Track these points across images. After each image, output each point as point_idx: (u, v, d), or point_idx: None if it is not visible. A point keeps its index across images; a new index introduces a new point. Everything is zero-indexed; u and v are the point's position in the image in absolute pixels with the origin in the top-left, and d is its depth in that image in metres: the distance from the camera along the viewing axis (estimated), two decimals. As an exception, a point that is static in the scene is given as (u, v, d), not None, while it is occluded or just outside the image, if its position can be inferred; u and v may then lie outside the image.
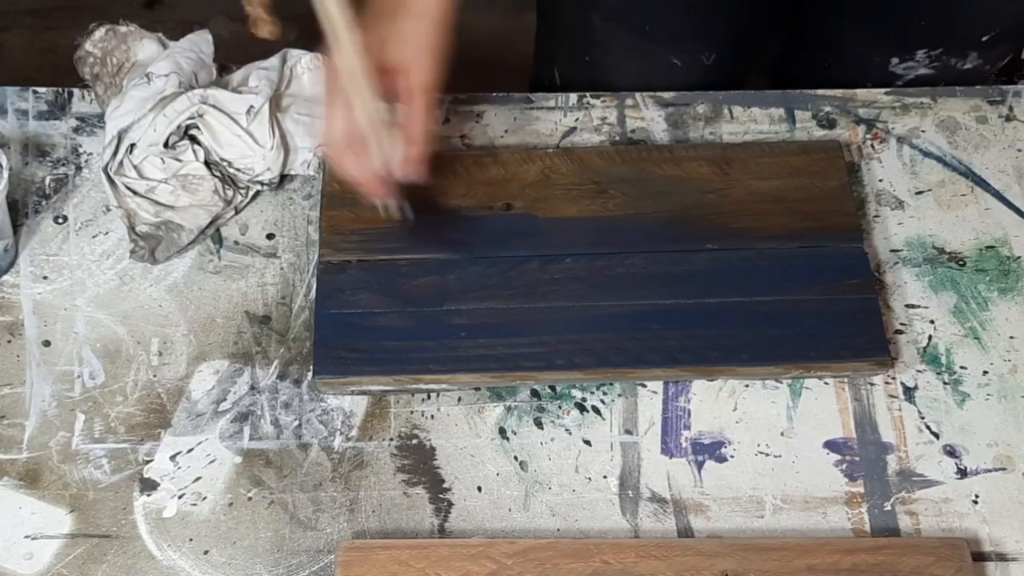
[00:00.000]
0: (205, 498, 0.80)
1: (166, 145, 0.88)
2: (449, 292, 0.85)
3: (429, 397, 0.84)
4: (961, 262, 0.90)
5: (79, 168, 0.93)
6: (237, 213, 0.91)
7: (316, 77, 0.94)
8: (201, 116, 0.88)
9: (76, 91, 0.96)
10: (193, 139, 0.89)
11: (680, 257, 0.87)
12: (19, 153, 0.94)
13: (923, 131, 0.96)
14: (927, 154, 0.95)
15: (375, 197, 0.83)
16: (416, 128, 0.79)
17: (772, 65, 1.16)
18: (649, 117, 0.97)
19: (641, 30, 1.01)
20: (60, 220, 0.91)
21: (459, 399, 0.84)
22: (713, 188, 0.90)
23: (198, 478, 0.81)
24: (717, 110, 0.97)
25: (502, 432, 0.83)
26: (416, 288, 0.85)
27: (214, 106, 0.88)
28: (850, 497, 0.81)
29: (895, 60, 1.02)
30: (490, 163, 0.92)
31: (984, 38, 1.00)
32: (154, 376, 0.84)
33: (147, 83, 0.88)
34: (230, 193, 0.90)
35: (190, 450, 0.82)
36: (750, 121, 0.96)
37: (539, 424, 0.83)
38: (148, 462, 0.81)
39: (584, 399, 0.84)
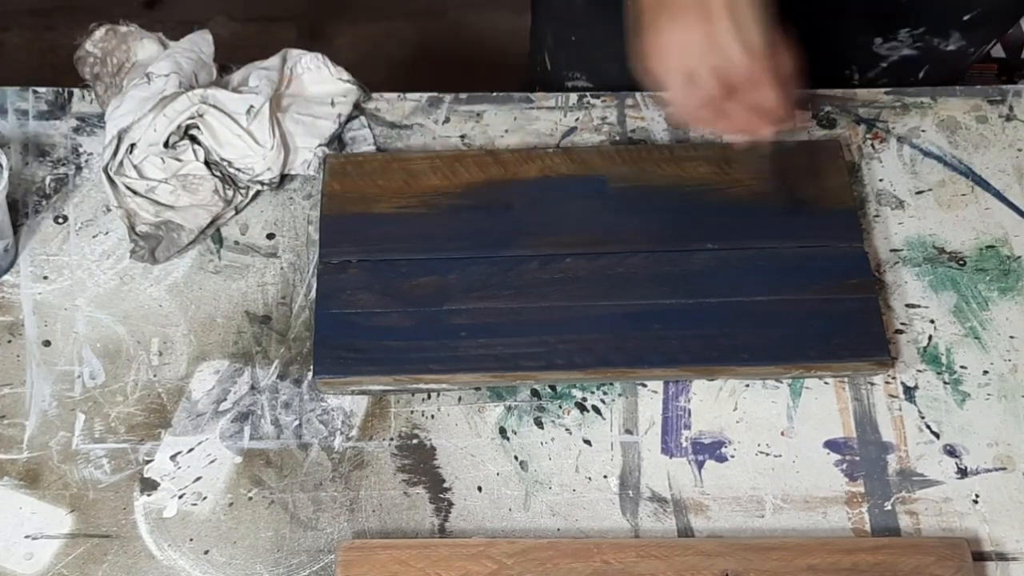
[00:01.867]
0: (205, 498, 0.80)
1: (166, 145, 0.88)
2: (449, 292, 0.85)
3: (429, 397, 0.84)
4: (961, 262, 0.90)
5: (79, 168, 0.93)
6: (237, 213, 0.91)
7: (316, 77, 0.94)
8: (201, 116, 0.88)
9: (76, 91, 0.96)
10: (193, 139, 0.89)
11: (680, 257, 0.87)
12: (19, 153, 0.94)
13: (923, 131, 0.96)
14: (927, 154, 0.95)
15: (773, 130, 0.80)
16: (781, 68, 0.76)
17: None
18: (649, 117, 0.97)
19: (623, 5, 1.00)
20: (60, 220, 0.91)
21: (459, 399, 0.84)
22: (713, 188, 0.90)
23: (198, 478, 0.81)
24: (717, 110, 0.97)
25: (502, 432, 0.83)
26: (416, 288, 0.85)
27: (214, 106, 0.88)
28: (850, 497, 0.81)
29: (878, 40, 1.02)
30: (490, 163, 0.92)
31: (965, 17, 0.99)
32: (154, 376, 0.84)
33: (147, 83, 0.88)
34: (230, 193, 0.90)
35: (190, 450, 0.82)
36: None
37: (539, 424, 0.83)
38: (148, 462, 0.81)
39: (584, 399, 0.84)
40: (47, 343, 0.85)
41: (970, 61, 1.03)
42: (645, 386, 0.85)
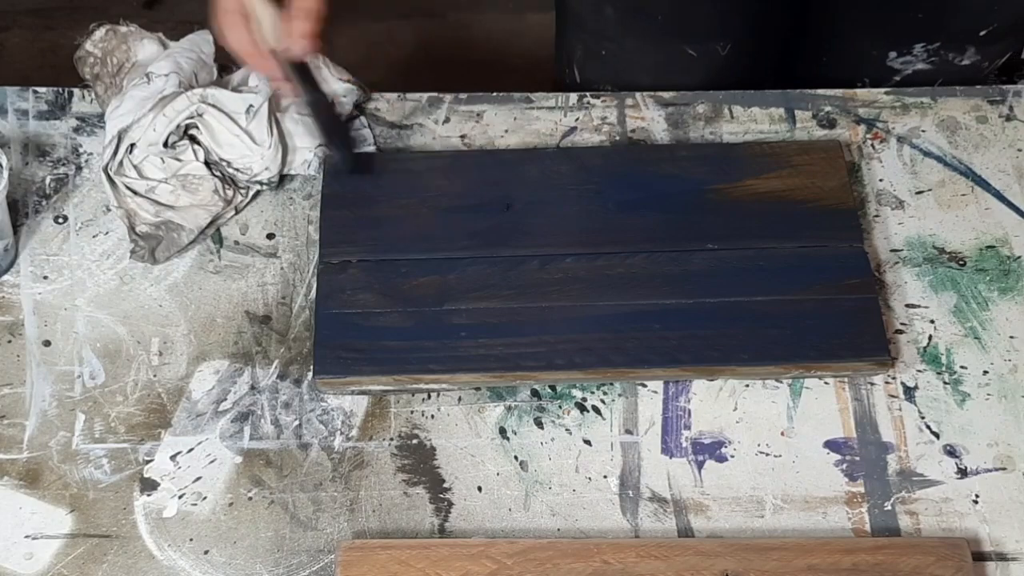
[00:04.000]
0: (205, 498, 0.80)
1: (166, 145, 0.88)
2: (449, 292, 0.85)
3: (429, 397, 0.84)
4: (961, 262, 0.90)
5: (79, 168, 0.93)
6: (237, 213, 0.91)
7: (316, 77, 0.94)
8: (200, 116, 0.88)
9: (76, 91, 0.96)
10: (193, 139, 0.89)
11: (680, 257, 0.87)
12: (19, 153, 0.94)
13: (923, 131, 0.96)
14: (927, 154, 0.95)
15: (258, 71, 0.87)
16: (305, 4, 0.82)
17: (774, 59, 1.16)
18: (649, 117, 0.97)
19: (654, 20, 1.01)
20: (60, 220, 0.91)
21: (459, 399, 0.84)
22: (713, 188, 0.90)
23: (198, 478, 0.81)
24: (717, 110, 0.97)
25: (502, 432, 0.83)
26: (416, 288, 0.85)
27: (213, 105, 0.88)
28: (850, 497, 0.81)
29: (892, 54, 1.02)
30: (490, 163, 0.92)
31: (982, 32, 0.99)
32: (154, 376, 0.84)
33: (147, 83, 0.88)
34: (230, 193, 0.90)
35: (190, 450, 0.82)
36: (750, 121, 0.96)
37: (539, 424, 0.83)
38: (148, 462, 0.81)
39: (584, 399, 0.84)
40: (47, 343, 0.85)
41: (982, 75, 1.04)
42: (645, 386, 0.85)
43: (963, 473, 0.82)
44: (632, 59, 1.03)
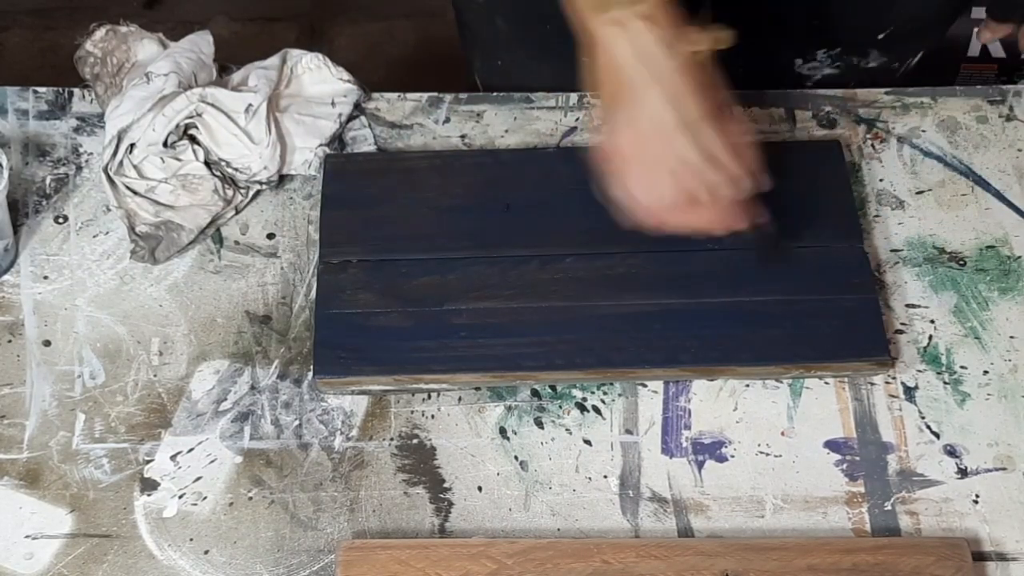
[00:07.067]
0: (205, 498, 0.80)
1: (165, 144, 0.88)
2: (449, 292, 0.85)
3: (429, 397, 0.84)
4: (961, 262, 0.90)
5: (79, 168, 0.93)
6: (237, 213, 0.91)
7: (316, 77, 0.94)
8: (199, 115, 0.88)
9: (76, 91, 0.96)
10: (193, 139, 0.89)
11: (680, 257, 0.87)
12: (19, 153, 0.94)
13: (923, 131, 0.96)
14: (927, 154, 0.95)
15: (737, 227, 0.81)
16: (738, 143, 0.77)
17: None
18: (649, 117, 0.96)
19: (542, 30, 1.00)
20: (60, 220, 0.91)
21: (459, 399, 0.84)
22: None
23: (198, 478, 0.81)
24: (717, 110, 0.97)
25: (502, 432, 0.83)
26: (416, 288, 0.85)
27: (212, 104, 0.88)
28: (850, 497, 0.81)
29: (799, 61, 1.03)
30: (490, 163, 0.92)
31: (880, 36, 0.99)
32: (154, 376, 0.84)
33: (147, 83, 0.88)
34: (230, 193, 0.90)
35: (190, 450, 0.82)
36: (750, 120, 0.96)
37: (539, 424, 0.83)
38: (148, 462, 0.81)
39: (584, 399, 0.84)
40: (47, 343, 0.85)
41: (895, 76, 1.04)
42: (645, 386, 0.85)
43: (963, 473, 0.82)
44: (526, 67, 1.03)
